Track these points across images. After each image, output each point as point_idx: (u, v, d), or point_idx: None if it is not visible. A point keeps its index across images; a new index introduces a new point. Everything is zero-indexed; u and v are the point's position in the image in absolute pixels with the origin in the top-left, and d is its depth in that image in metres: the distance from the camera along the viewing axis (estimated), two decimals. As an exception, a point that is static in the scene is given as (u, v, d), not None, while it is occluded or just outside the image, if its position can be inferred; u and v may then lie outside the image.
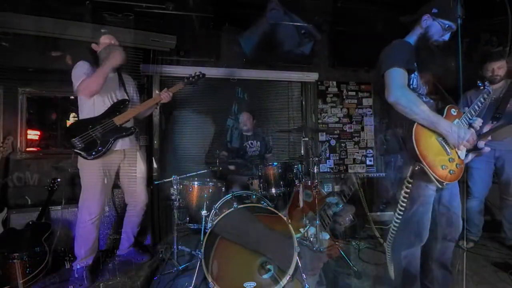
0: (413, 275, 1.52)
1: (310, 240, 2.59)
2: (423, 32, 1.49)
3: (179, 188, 2.24)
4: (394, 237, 1.51)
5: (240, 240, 1.79)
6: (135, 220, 2.40)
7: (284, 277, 1.77)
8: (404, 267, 1.52)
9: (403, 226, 1.45)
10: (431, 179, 1.31)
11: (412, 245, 1.49)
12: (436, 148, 1.36)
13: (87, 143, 2.05)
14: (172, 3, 3.16)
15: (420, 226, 1.45)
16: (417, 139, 1.32)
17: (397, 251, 1.54)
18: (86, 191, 2.11)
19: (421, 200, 1.42)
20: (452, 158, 1.37)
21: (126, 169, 2.28)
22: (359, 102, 4.09)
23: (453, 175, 1.35)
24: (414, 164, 1.33)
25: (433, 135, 1.36)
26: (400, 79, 1.37)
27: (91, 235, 2.10)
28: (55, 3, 2.80)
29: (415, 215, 1.44)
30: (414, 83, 1.46)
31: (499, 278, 2.04)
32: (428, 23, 1.47)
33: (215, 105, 3.77)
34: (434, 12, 1.45)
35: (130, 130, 2.23)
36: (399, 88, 1.35)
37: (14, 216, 2.46)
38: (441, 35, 1.47)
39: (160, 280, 2.04)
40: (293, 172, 2.41)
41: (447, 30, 1.46)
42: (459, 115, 1.47)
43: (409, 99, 1.32)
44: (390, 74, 1.39)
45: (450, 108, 1.47)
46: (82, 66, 2.11)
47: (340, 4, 3.43)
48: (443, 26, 1.45)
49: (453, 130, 1.32)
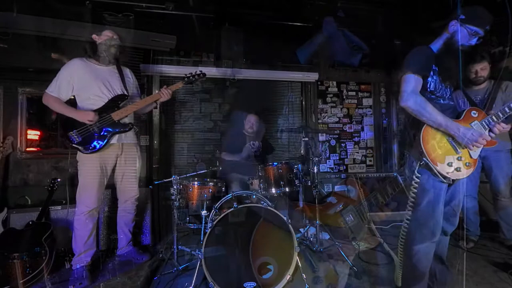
0: (422, 273, 1.54)
1: (310, 240, 2.59)
2: (449, 37, 1.56)
3: (179, 188, 2.24)
4: (406, 234, 1.58)
5: (240, 240, 1.79)
6: (128, 216, 2.40)
7: (284, 277, 1.77)
8: (413, 263, 1.54)
9: (415, 220, 1.52)
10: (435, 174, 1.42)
11: (425, 239, 1.51)
12: (444, 146, 1.46)
13: (84, 137, 2.07)
14: (172, 3, 3.15)
15: (432, 219, 1.49)
16: (424, 136, 1.45)
17: (409, 246, 1.57)
18: (83, 184, 2.12)
19: (432, 191, 1.47)
20: (461, 157, 1.46)
21: (122, 164, 2.28)
22: (359, 102, 4.09)
23: (460, 172, 1.44)
24: (419, 159, 1.45)
25: (443, 135, 1.47)
26: (411, 85, 1.46)
27: (87, 228, 2.11)
28: (55, 3, 2.79)
29: (427, 207, 1.49)
30: (432, 87, 1.54)
31: (499, 278, 2.04)
32: (455, 29, 1.54)
33: (215, 105, 3.77)
34: (461, 18, 1.52)
35: (128, 126, 2.24)
36: (409, 93, 1.45)
37: (14, 216, 2.46)
38: (467, 40, 1.53)
39: (160, 280, 2.04)
40: (293, 172, 2.41)
41: (474, 35, 1.52)
42: (481, 117, 1.51)
43: (417, 103, 1.43)
44: (403, 80, 1.49)
45: (470, 110, 1.54)
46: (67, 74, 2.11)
47: (340, 4, 3.43)
48: (469, 32, 1.51)
49: (461, 132, 1.41)
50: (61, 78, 2.10)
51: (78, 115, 2.07)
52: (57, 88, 2.09)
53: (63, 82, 2.10)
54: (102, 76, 2.19)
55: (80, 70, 2.13)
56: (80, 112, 2.09)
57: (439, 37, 1.61)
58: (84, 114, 2.06)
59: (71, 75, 2.11)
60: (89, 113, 2.06)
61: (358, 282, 2.01)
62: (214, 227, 1.77)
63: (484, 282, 1.99)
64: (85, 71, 2.14)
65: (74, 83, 2.11)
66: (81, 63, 2.15)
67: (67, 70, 2.12)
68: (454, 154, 1.45)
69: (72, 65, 2.13)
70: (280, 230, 1.85)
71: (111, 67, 2.26)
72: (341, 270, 2.17)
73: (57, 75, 2.11)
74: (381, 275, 2.09)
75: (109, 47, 2.18)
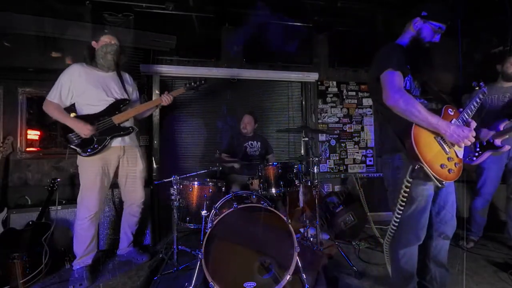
0: (411, 273, 1.54)
1: (310, 240, 2.59)
2: (415, 34, 1.53)
3: (179, 188, 2.24)
4: (392, 236, 1.54)
5: (240, 240, 1.79)
6: (133, 219, 2.40)
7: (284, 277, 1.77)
8: (402, 266, 1.53)
9: (401, 225, 1.46)
10: (431, 178, 1.33)
11: (410, 243, 1.50)
12: (435, 148, 1.37)
13: (83, 139, 2.06)
14: (172, 3, 3.16)
15: (418, 225, 1.46)
16: (416, 139, 1.33)
17: (395, 250, 1.55)
18: (85, 187, 2.10)
19: (420, 199, 1.43)
20: (451, 157, 1.38)
21: (124, 167, 2.28)
22: (359, 102, 4.09)
23: (452, 174, 1.36)
24: (413, 164, 1.34)
25: (431, 135, 1.38)
26: (396, 81, 1.39)
27: (89, 232, 2.10)
28: (55, 3, 2.79)
29: (414, 214, 1.45)
30: (407, 85, 1.49)
31: (499, 278, 2.04)
32: (419, 26, 1.51)
33: (215, 105, 3.77)
34: (423, 15, 1.49)
35: (128, 130, 2.23)
36: (397, 90, 1.36)
37: (14, 216, 2.46)
38: (432, 37, 1.51)
39: (160, 280, 2.03)
40: (293, 172, 2.41)
41: (438, 31, 1.50)
42: (456, 115, 1.48)
43: (407, 102, 1.33)
44: (386, 76, 1.40)
45: (447, 108, 1.48)
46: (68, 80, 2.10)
47: (340, 4, 3.43)
48: (433, 28, 1.49)
49: (452, 130, 1.33)
50: (61, 84, 2.09)
51: (77, 126, 2.04)
52: (58, 95, 2.08)
53: (64, 88, 2.09)
54: (102, 81, 2.18)
55: (80, 75, 2.12)
56: (79, 124, 2.04)
57: (404, 34, 1.58)
58: (81, 127, 2.03)
59: (71, 81, 2.10)
60: (87, 128, 2.03)
61: (358, 282, 2.01)
62: (214, 227, 1.77)
63: (484, 282, 1.99)
64: (85, 77, 2.13)
65: (74, 89, 2.11)
66: (81, 69, 2.14)
67: (67, 76, 2.10)
68: (444, 155, 1.37)
69: (72, 71, 2.12)
70: (280, 230, 1.85)
71: (111, 72, 2.25)
72: (341, 270, 2.17)
73: (57, 81, 2.10)
74: (381, 275, 2.09)
75: (105, 54, 2.15)
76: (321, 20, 3.51)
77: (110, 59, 2.18)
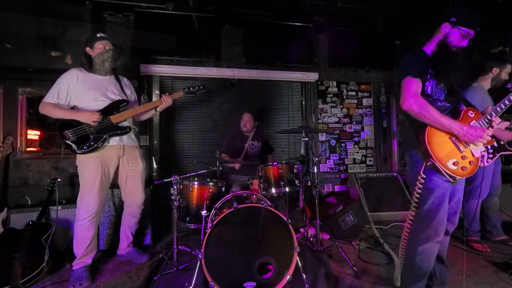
0: (424, 272, 1.55)
1: (310, 240, 2.59)
2: (442, 39, 1.57)
3: (179, 188, 2.24)
4: (409, 233, 1.58)
5: (240, 240, 1.79)
6: (133, 219, 2.40)
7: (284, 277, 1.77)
8: (417, 263, 1.54)
9: (420, 220, 1.52)
10: (443, 174, 1.43)
11: (430, 239, 1.51)
12: (448, 146, 1.47)
13: (79, 137, 2.07)
14: (172, 3, 3.16)
15: (437, 218, 1.49)
16: (429, 138, 1.46)
17: (413, 246, 1.56)
18: (85, 187, 2.10)
19: (437, 191, 1.48)
20: (465, 156, 1.47)
21: (125, 167, 2.28)
22: (359, 102, 4.09)
23: (466, 171, 1.45)
24: (426, 160, 1.45)
25: (446, 135, 1.48)
26: (412, 88, 1.48)
27: (89, 233, 2.10)
28: (55, 3, 2.80)
29: (432, 207, 1.49)
30: (429, 90, 1.56)
31: (499, 278, 2.04)
32: (447, 30, 1.55)
33: (215, 105, 3.77)
34: (452, 20, 1.53)
35: (125, 130, 2.24)
36: (411, 96, 1.47)
37: (14, 216, 2.46)
38: (460, 42, 1.54)
39: (160, 280, 2.03)
40: (293, 172, 2.41)
41: (466, 36, 1.54)
42: (477, 116, 1.53)
43: (420, 106, 1.44)
44: (404, 83, 1.50)
45: (467, 110, 1.55)
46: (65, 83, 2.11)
47: (340, 4, 3.44)
48: (462, 33, 1.53)
49: (465, 130, 1.41)
50: (59, 86, 2.11)
51: (83, 115, 2.07)
52: (56, 96, 2.09)
53: (62, 90, 2.10)
54: (101, 84, 2.20)
55: (79, 79, 2.13)
56: (85, 112, 2.08)
57: (432, 39, 1.62)
58: (89, 114, 2.06)
59: (69, 84, 2.11)
60: (94, 114, 2.07)
61: (358, 282, 2.01)
62: (214, 227, 1.77)
63: (484, 282, 1.99)
64: (84, 80, 2.14)
65: (73, 92, 2.12)
66: (79, 73, 2.15)
67: (65, 79, 2.12)
68: (458, 153, 1.47)
69: (70, 74, 2.14)
70: (280, 230, 1.85)
71: (109, 76, 2.27)
72: (341, 270, 2.17)
73: (55, 84, 2.12)
74: (381, 275, 2.09)
75: (103, 61, 2.18)
76: (321, 20, 3.51)
77: (108, 65, 2.22)
